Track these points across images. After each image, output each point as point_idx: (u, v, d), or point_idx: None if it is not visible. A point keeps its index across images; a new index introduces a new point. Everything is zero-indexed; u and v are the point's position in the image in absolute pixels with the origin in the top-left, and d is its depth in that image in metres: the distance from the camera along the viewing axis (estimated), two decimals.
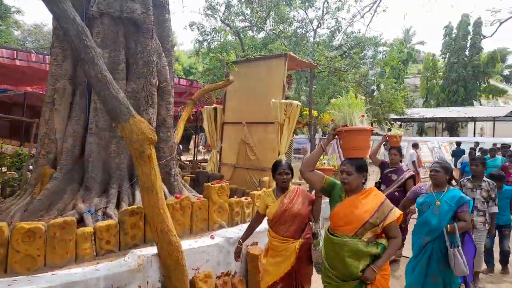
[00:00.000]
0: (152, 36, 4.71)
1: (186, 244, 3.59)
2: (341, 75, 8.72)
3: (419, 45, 44.61)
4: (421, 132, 33.47)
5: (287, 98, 12.13)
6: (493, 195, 4.65)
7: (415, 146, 12.48)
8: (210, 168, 7.18)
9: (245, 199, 4.48)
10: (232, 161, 6.93)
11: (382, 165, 5.54)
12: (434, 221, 3.34)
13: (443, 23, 41.17)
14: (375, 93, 17.61)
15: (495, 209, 4.64)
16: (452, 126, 31.77)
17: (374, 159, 5.71)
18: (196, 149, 16.67)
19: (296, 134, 13.08)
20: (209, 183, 4.13)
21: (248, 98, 6.71)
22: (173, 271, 3.25)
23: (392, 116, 26.26)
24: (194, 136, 16.22)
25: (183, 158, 14.65)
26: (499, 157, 9.33)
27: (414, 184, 4.95)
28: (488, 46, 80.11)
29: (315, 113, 11.27)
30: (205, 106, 7.21)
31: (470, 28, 30.73)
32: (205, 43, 8.62)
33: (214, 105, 7.19)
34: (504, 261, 5.18)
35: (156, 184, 3.13)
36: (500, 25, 15.52)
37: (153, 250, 3.32)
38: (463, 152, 14.81)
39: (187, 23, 8.40)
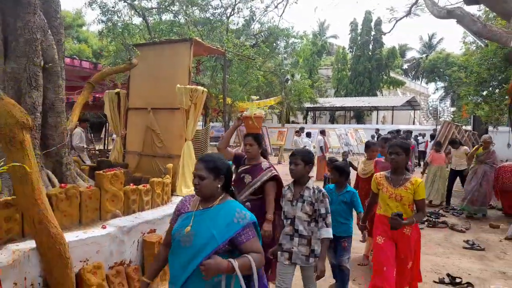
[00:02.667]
0: (34, 11, 4.24)
1: (73, 236, 3.39)
2: (249, 63, 8.89)
3: (333, 38, 47.58)
4: (332, 120, 35.90)
5: (202, 85, 12.06)
6: (322, 210, 3.08)
7: (323, 132, 13.38)
8: (113, 156, 6.81)
9: (144, 186, 4.35)
10: (137, 149, 6.65)
11: (237, 160, 3.86)
12: None
13: (351, 18, 44.20)
14: (289, 82, 18.30)
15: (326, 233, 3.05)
16: (359, 115, 34.65)
17: (224, 152, 3.79)
18: (107, 138, 15.72)
19: (212, 122, 13.04)
20: (101, 171, 3.92)
21: (154, 83, 6.47)
22: (54, 265, 3.04)
23: (307, 105, 27.77)
24: (106, 123, 15.25)
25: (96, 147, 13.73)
26: None
27: (279, 187, 3.53)
28: (390, 41, 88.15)
29: (229, 100, 11.37)
30: (107, 91, 6.78)
31: (373, 25, 33.56)
32: (109, 23, 8.04)
33: (117, 90, 6.80)
34: (342, 280, 3.80)
35: (31, 173, 2.87)
36: (396, 23, 17.16)
37: (32, 244, 3.07)
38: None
39: (86, 1, 7.75)
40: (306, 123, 33.77)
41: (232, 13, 10.72)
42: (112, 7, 7.46)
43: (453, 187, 8.80)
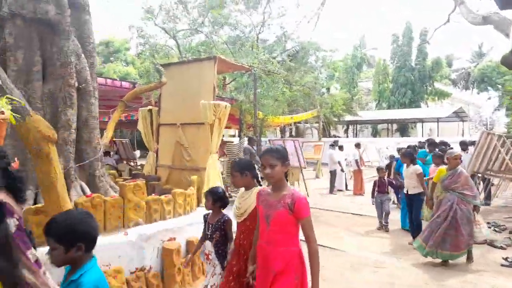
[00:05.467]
0: (68, 37, 4.71)
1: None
2: (274, 77, 9.07)
3: (373, 51, 46.71)
4: (375, 133, 34.92)
5: (236, 101, 12.39)
6: None
7: (358, 146, 13.10)
8: (147, 170, 7.19)
9: (165, 196, 4.58)
10: (168, 162, 6.98)
11: None
12: None
13: (392, 30, 43.45)
14: (324, 96, 18.22)
15: None
16: (403, 128, 33.43)
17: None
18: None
19: (246, 137, 13.27)
20: (124, 182, 4.19)
21: (182, 100, 6.81)
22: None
23: (347, 118, 27.34)
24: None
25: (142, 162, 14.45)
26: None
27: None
28: (436, 51, 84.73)
29: (261, 114, 11.56)
30: (140, 108, 7.23)
31: (415, 34, 32.62)
32: (147, 46, 8.65)
33: (149, 107, 7.22)
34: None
35: (56, 182, 3.16)
36: (435, 31, 16.63)
37: None
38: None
39: (128, 26, 8.47)
40: (347, 136, 33.16)
41: (262, 30, 11.02)
42: (142, 31, 8.01)
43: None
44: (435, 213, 5.35)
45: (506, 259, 5.41)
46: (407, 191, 6.50)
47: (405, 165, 6.63)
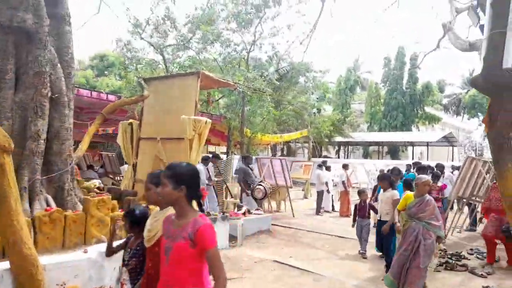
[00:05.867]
0: (44, 47, 4.63)
1: (51, 259, 3.46)
2: (260, 95, 9.06)
3: (368, 74, 47.39)
4: (366, 155, 34.99)
5: (225, 118, 12.33)
6: None
7: (345, 167, 13.03)
8: (124, 184, 7.01)
9: None
10: (146, 178, 6.81)
11: None
12: None
13: (385, 54, 44.03)
14: (316, 115, 18.26)
15: None
16: (394, 150, 33.56)
17: None
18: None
19: (235, 154, 13.16)
20: (88, 196, 4.03)
21: (163, 114, 6.71)
22: (27, 287, 3.09)
23: (338, 139, 27.41)
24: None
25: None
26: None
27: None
28: (428, 76, 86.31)
29: (248, 132, 11.48)
30: (121, 122, 7.11)
31: (407, 59, 33.16)
32: (134, 60, 8.62)
33: (130, 120, 7.11)
34: None
35: (9, 194, 3.00)
36: (424, 56, 16.88)
37: (7, 264, 3.16)
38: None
39: (114, 39, 8.47)
40: (338, 157, 33.16)
41: (253, 48, 11.08)
42: (127, 44, 7.99)
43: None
44: (401, 245, 4.87)
45: (486, 287, 5.26)
46: (380, 217, 6.13)
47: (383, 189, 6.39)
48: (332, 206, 13.51)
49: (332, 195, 13.60)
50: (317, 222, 10.90)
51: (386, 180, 6.23)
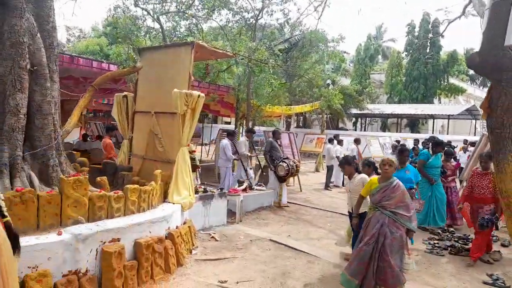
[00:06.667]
0: (21, 15, 4.34)
1: (23, 241, 3.32)
2: (262, 67, 8.58)
3: (391, 42, 45.27)
4: (384, 127, 34.07)
5: (233, 89, 11.94)
6: None
7: (357, 141, 12.64)
8: (120, 159, 6.87)
9: (115, 192, 4.24)
10: (141, 153, 6.64)
11: None
12: None
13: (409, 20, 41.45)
14: (330, 87, 17.60)
15: None
16: (414, 123, 32.48)
17: None
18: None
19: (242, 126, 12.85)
20: (64, 176, 3.86)
21: (157, 87, 6.42)
22: None
23: (354, 111, 26.63)
24: None
25: None
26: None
27: None
28: (453, 44, 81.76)
29: (256, 103, 11.09)
30: (116, 94, 6.87)
31: (430, 27, 31.37)
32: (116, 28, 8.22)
33: (125, 93, 6.86)
34: None
35: None
36: (449, 24, 15.81)
37: None
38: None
39: (111, 6, 8.06)
40: (355, 130, 32.43)
41: (261, 16, 10.47)
42: (126, 10, 7.57)
43: None
44: (362, 238, 4.17)
45: (491, 275, 4.95)
46: (351, 209, 4.95)
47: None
48: (343, 181, 13.22)
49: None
50: (324, 198, 10.66)
51: (349, 164, 4.98)
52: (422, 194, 6.88)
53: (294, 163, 9.03)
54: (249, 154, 9.36)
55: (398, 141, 14.72)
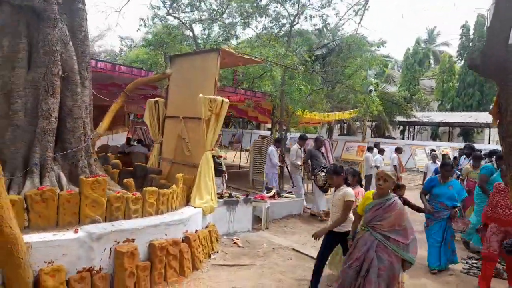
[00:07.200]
0: (54, 25, 4.64)
1: (41, 237, 3.51)
2: (291, 72, 8.43)
3: (444, 46, 42.88)
4: (434, 136, 32.25)
5: (270, 95, 11.92)
6: None
7: (398, 150, 12.03)
8: (151, 162, 7.09)
9: (133, 194, 4.35)
10: (170, 156, 6.82)
11: None
12: None
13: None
14: (372, 93, 17.03)
15: None
16: (467, 132, 30.39)
17: None
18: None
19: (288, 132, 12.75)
20: (83, 177, 4.03)
21: (186, 93, 6.57)
22: (6, 264, 3.17)
23: (399, 119, 25.46)
24: None
25: None
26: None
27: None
28: None
29: (291, 108, 10.97)
30: (148, 100, 7.13)
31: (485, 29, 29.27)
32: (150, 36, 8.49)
33: (156, 98, 7.09)
34: None
35: None
36: None
37: None
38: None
39: (147, 16, 8.45)
40: (403, 138, 31.01)
41: (297, 21, 10.37)
42: (163, 20, 7.81)
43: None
44: (347, 259, 3.62)
45: None
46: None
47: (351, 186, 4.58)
48: None
49: None
50: None
51: (338, 174, 4.22)
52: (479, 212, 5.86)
53: None
54: (299, 164, 8.86)
55: (433, 150, 13.61)
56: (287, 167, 8.92)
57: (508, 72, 2.80)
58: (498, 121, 3.04)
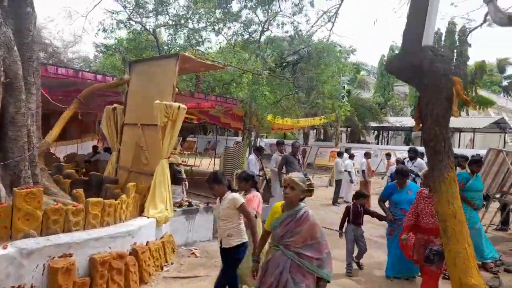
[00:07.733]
0: None
1: None
2: (255, 78, 8.40)
3: None
4: (408, 141, 32.93)
5: (241, 101, 11.85)
6: None
7: (367, 155, 12.15)
8: (108, 171, 6.87)
9: (74, 206, 4.16)
10: (127, 165, 6.62)
11: None
12: None
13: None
14: (344, 99, 17.22)
15: None
16: None
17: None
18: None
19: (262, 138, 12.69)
20: (16, 188, 3.83)
21: (144, 99, 6.41)
22: None
23: (373, 124, 25.88)
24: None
25: None
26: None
27: None
28: (481, 55, 78.31)
29: (260, 114, 10.93)
30: (106, 106, 6.92)
31: (456, 36, 30.23)
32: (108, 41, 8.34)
33: (114, 105, 6.89)
34: None
35: None
36: (469, 33, 15.11)
37: None
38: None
39: (110, 22, 8.26)
40: (378, 143, 31.53)
41: (266, 28, 10.36)
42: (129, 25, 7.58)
43: None
44: (259, 284, 3.09)
45: None
46: (220, 242, 3.96)
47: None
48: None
49: (353, 185, 12.80)
50: (328, 214, 10.26)
51: (219, 183, 3.78)
52: (472, 224, 5.58)
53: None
54: (283, 172, 8.53)
55: (388, 154, 13.72)
56: (266, 177, 8.65)
57: (423, 73, 2.82)
58: (420, 125, 3.07)
